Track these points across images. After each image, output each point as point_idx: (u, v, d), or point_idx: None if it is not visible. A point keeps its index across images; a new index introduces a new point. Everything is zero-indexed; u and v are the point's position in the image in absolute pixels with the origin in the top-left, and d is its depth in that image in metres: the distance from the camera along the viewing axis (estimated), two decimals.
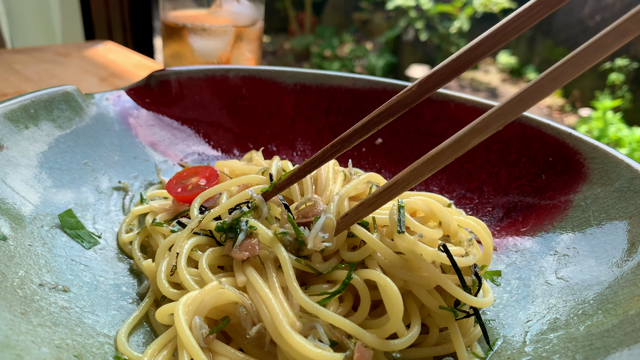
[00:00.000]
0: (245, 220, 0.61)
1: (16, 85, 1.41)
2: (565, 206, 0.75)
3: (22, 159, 0.74)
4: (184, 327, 0.53)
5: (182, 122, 1.00)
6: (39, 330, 0.52)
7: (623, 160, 0.73)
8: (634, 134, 3.75)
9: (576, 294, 0.63)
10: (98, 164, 0.85)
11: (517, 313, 0.65)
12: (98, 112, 0.89)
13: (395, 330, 0.55)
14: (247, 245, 0.59)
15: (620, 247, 0.65)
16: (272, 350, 0.55)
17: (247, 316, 0.55)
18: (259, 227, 0.60)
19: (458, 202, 0.88)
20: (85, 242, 0.71)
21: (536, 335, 0.60)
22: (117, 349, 0.56)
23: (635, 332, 0.51)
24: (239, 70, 1.05)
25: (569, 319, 0.60)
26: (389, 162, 0.98)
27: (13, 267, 0.58)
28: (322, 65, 5.82)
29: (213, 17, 1.28)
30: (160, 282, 0.61)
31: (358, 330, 0.54)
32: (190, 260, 0.64)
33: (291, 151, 1.02)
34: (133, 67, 1.69)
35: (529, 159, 0.84)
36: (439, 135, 0.95)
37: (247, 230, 0.60)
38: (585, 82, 5.49)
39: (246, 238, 0.60)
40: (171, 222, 0.74)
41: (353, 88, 1.03)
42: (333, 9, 7.11)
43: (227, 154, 1.00)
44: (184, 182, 0.78)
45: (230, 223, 0.61)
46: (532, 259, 0.73)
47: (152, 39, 2.93)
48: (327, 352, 0.51)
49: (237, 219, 0.61)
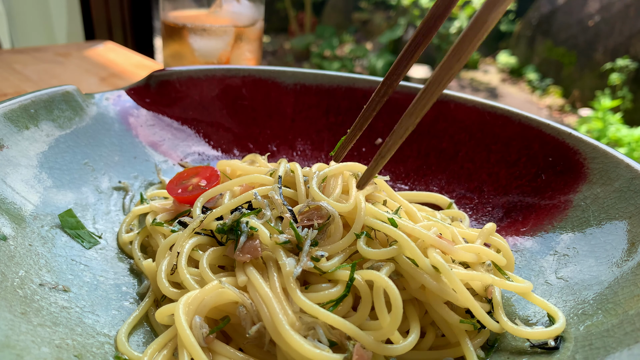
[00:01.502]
0: (246, 221, 0.61)
1: (16, 85, 1.41)
2: (565, 206, 0.76)
3: (22, 158, 0.74)
4: (185, 327, 0.53)
5: (182, 122, 1.00)
6: (39, 330, 0.52)
7: (623, 160, 0.73)
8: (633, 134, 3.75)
9: (576, 293, 0.63)
10: (98, 164, 0.85)
11: (517, 313, 0.65)
12: (98, 112, 0.90)
13: (392, 334, 0.54)
14: (249, 247, 0.59)
15: (620, 247, 0.65)
16: (272, 349, 0.56)
17: (247, 316, 0.55)
18: (260, 229, 0.60)
19: (458, 202, 0.88)
20: (86, 242, 0.71)
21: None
22: (117, 349, 0.56)
23: (635, 332, 0.51)
24: (239, 70, 1.05)
25: (569, 318, 0.60)
26: (389, 162, 0.98)
27: (13, 267, 0.58)
28: (322, 65, 5.82)
29: (213, 17, 1.28)
30: (161, 281, 0.61)
31: (357, 332, 0.53)
32: (190, 260, 0.64)
33: (291, 151, 1.02)
34: (133, 67, 1.69)
35: (529, 159, 0.84)
36: (439, 135, 0.95)
37: (248, 232, 0.60)
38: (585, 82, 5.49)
39: (248, 240, 0.60)
40: (172, 222, 0.74)
41: (353, 88, 1.03)
42: (333, 9, 7.11)
43: (227, 154, 1.00)
44: (185, 183, 0.78)
45: (231, 224, 0.61)
46: (532, 259, 0.73)
47: (152, 39, 2.93)
48: (326, 352, 0.51)
49: (237, 221, 0.61)
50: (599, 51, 5.40)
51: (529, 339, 0.59)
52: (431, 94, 0.52)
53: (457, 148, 0.93)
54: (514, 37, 6.60)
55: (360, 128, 0.67)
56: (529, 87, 6.06)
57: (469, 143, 0.92)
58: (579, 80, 5.55)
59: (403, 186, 0.94)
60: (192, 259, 0.64)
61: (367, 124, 0.67)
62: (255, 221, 0.62)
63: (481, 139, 0.91)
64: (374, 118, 0.67)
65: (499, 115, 0.90)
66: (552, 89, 5.80)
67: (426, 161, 0.95)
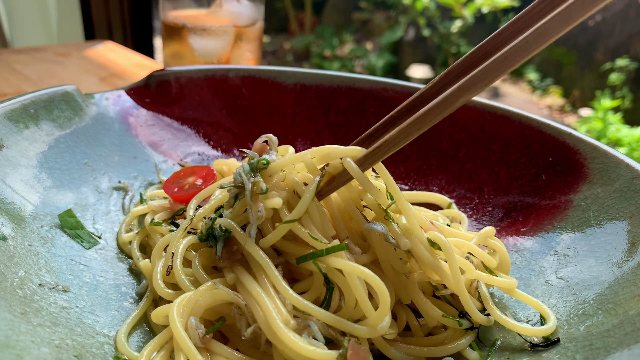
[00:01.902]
0: (219, 225, 0.59)
1: (16, 85, 1.41)
2: (565, 206, 0.75)
3: (22, 158, 0.74)
4: (179, 329, 0.53)
5: (182, 122, 1.00)
6: (39, 330, 0.52)
7: (623, 160, 0.72)
8: (633, 134, 3.75)
9: (576, 294, 0.63)
10: (98, 164, 0.85)
11: (517, 313, 0.65)
12: (98, 112, 0.89)
13: (384, 317, 0.54)
14: (228, 253, 0.59)
15: (620, 247, 0.65)
16: (269, 350, 0.55)
17: (242, 317, 0.55)
18: (233, 230, 0.58)
19: (458, 202, 0.88)
20: (85, 242, 0.71)
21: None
22: (117, 349, 0.56)
23: (635, 332, 0.51)
24: (239, 70, 1.05)
25: (569, 319, 0.60)
26: (389, 162, 0.98)
27: (13, 267, 0.58)
28: (322, 65, 5.82)
29: (213, 17, 1.28)
30: (157, 283, 0.61)
31: (350, 326, 0.53)
32: (185, 260, 0.63)
33: None
34: (133, 67, 1.69)
35: (529, 159, 0.84)
36: (439, 135, 0.95)
37: (224, 236, 0.59)
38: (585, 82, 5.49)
39: (225, 246, 0.59)
40: (169, 222, 0.74)
41: (353, 88, 1.03)
42: (333, 9, 7.11)
43: (227, 154, 1.00)
44: (181, 182, 0.78)
45: (207, 232, 0.60)
46: (532, 259, 0.73)
47: (152, 39, 2.93)
48: (322, 349, 0.51)
49: (211, 226, 0.60)
50: (599, 51, 5.40)
51: (519, 333, 0.60)
52: (381, 156, 0.56)
53: (457, 148, 0.93)
54: None
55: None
56: (529, 87, 6.06)
57: (469, 143, 0.92)
58: (579, 80, 5.55)
59: (403, 186, 0.94)
60: (187, 259, 0.64)
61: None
62: (229, 222, 0.59)
63: (481, 139, 0.91)
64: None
65: (499, 115, 0.90)
66: (552, 89, 5.80)
67: (426, 161, 0.95)
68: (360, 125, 1.00)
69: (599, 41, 5.44)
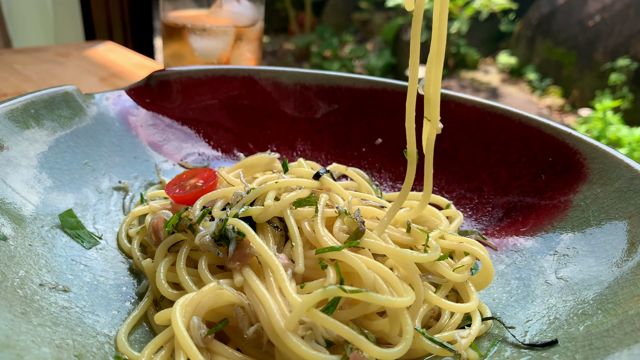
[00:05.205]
0: (232, 226, 0.59)
1: (16, 85, 1.41)
2: (565, 206, 0.76)
3: (22, 159, 0.74)
4: (181, 329, 0.53)
5: (182, 122, 1.00)
6: (39, 330, 0.52)
7: (623, 160, 0.73)
8: (633, 134, 3.75)
9: (576, 294, 0.63)
10: (98, 164, 0.85)
11: (516, 313, 0.65)
12: (98, 112, 0.90)
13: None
14: (239, 255, 0.59)
15: (620, 247, 0.65)
16: (270, 350, 0.55)
17: (245, 317, 0.55)
18: (248, 234, 0.59)
19: (458, 202, 0.88)
20: (86, 242, 0.71)
21: (536, 335, 0.60)
22: (118, 349, 0.56)
23: (635, 332, 0.51)
24: (239, 70, 1.05)
25: (569, 318, 0.60)
26: (389, 162, 0.98)
27: (13, 267, 0.58)
28: (322, 65, 5.82)
29: (213, 17, 1.28)
30: (160, 282, 0.61)
31: (354, 336, 0.52)
32: (189, 260, 0.64)
33: (291, 151, 1.02)
34: (133, 67, 1.69)
35: (529, 159, 0.84)
36: (439, 135, 0.95)
37: (236, 238, 0.59)
38: (585, 82, 5.49)
39: (237, 248, 0.59)
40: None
41: (353, 88, 1.03)
42: (333, 9, 7.11)
43: (227, 154, 1.00)
44: (182, 184, 0.78)
45: (220, 232, 0.60)
46: (532, 259, 0.73)
47: (152, 39, 2.93)
48: (323, 354, 0.50)
49: (223, 227, 0.60)
50: (599, 51, 5.40)
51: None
52: None
53: (457, 148, 0.93)
54: (514, 37, 6.60)
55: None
56: (529, 87, 6.06)
57: (469, 143, 0.92)
58: (579, 80, 5.55)
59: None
60: (191, 259, 0.64)
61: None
62: (242, 224, 0.60)
63: (481, 139, 0.91)
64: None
65: (499, 115, 0.90)
66: (552, 89, 5.80)
67: None
68: (360, 125, 1.00)
69: (599, 41, 5.45)
